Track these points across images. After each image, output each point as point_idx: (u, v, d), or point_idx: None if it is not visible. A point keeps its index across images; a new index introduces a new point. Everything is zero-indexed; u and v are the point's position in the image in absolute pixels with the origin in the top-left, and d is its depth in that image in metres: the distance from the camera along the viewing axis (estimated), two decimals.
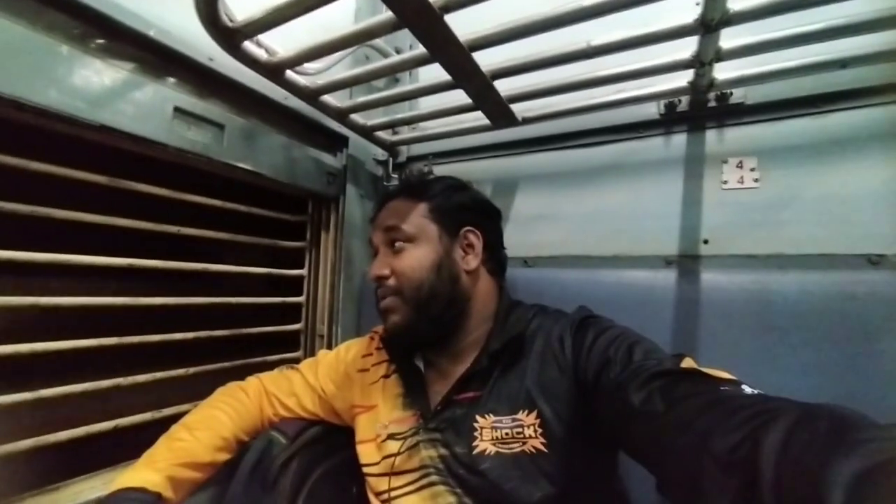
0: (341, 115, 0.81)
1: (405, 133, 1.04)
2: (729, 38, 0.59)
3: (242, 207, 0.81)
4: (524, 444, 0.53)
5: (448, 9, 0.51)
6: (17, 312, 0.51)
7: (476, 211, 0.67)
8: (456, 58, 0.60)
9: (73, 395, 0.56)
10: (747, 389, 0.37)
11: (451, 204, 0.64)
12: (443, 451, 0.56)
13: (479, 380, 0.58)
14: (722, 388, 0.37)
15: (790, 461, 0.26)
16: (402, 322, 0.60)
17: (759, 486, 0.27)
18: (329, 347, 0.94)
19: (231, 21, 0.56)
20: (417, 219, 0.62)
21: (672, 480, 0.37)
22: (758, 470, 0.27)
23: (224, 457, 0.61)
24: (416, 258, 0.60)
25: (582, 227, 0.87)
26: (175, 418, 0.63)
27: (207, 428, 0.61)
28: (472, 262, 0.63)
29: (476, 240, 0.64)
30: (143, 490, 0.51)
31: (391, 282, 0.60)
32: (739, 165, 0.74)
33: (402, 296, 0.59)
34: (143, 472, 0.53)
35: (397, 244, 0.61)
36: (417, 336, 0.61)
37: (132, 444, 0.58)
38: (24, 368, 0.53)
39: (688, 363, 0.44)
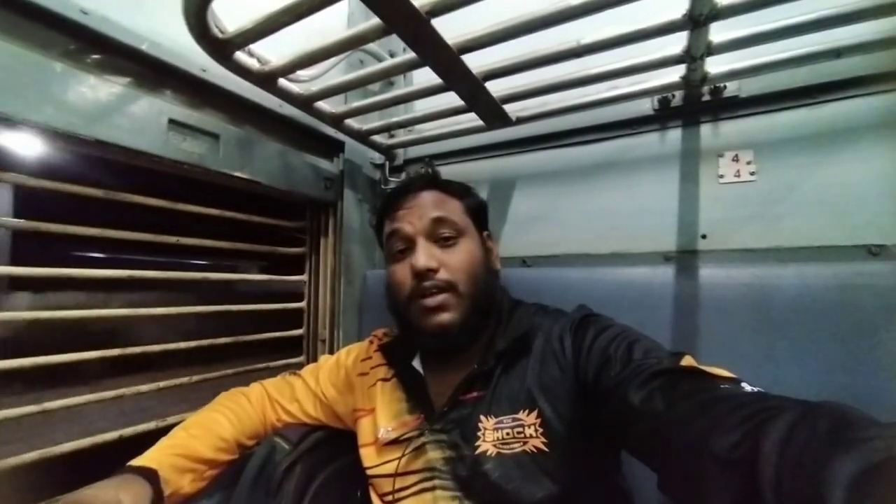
0: (336, 120, 0.81)
1: (401, 136, 1.04)
2: (720, 32, 0.58)
3: (241, 216, 0.82)
4: (525, 443, 0.53)
5: (435, 13, 0.51)
6: (17, 327, 0.52)
7: (486, 216, 0.70)
8: (446, 61, 0.60)
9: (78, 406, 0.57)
10: (747, 387, 0.37)
11: (478, 205, 0.67)
12: (449, 452, 0.56)
13: (482, 379, 0.58)
14: (722, 386, 0.37)
15: (790, 460, 0.26)
16: (459, 319, 0.57)
17: (759, 484, 0.27)
18: (331, 352, 0.95)
19: (221, 32, 0.56)
20: (460, 214, 0.63)
21: (673, 479, 0.37)
22: (758, 469, 0.27)
23: (225, 457, 0.61)
24: (471, 252, 0.60)
25: (579, 225, 0.87)
26: None
27: (207, 430, 0.61)
28: (497, 262, 0.66)
29: (492, 243, 0.67)
30: (141, 467, 0.52)
31: (442, 275, 0.57)
32: (735, 159, 0.73)
33: (457, 291, 0.57)
34: (142, 460, 0.53)
35: (448, 237, 0.59)
36: (469, 334, 0.59)
37: (137, 454, 0.58)
38: (27, 381, 0.53)
39: (688, 361, 0.44)
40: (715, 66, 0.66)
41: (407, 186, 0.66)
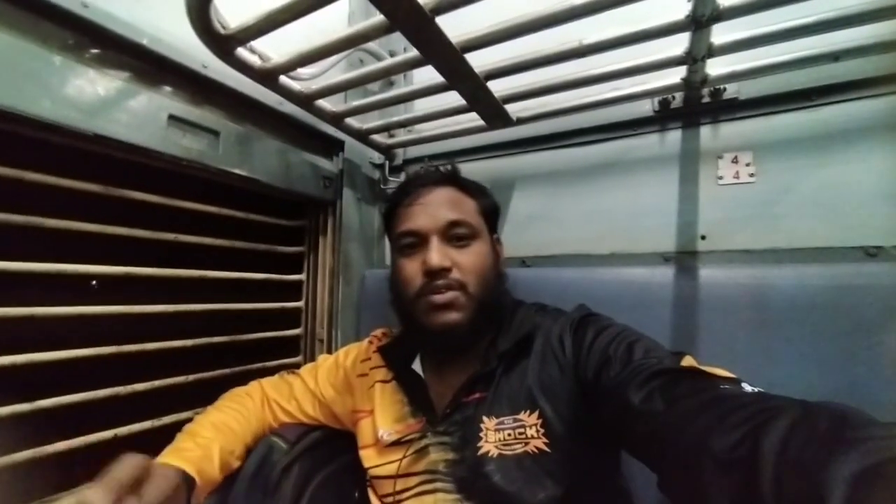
0: (336, 119, 0.81)
1: (401, 136, 1.04)
2: (721, 34, 0.59)
3: (240, 214, 0.81)
4: (526, 444, 0.52)
5: (439, 10, 0.51)
6: (13, 324, 0.51)
7: (496, 218, 0.69)
8: (449, 59, 0.60)
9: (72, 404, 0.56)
10: (747, 388, 0.37)
11: (492, 207, 0.67)
12: (451, 454, 0.56)
13: (484, 380, 0.58)
14: (722, 386, 0.37)
15: (790, 460, 0.26)
16: (465, 319, 0.56)
17: (758, 484, 0.26)
18: (329, 352, 0.94)
19: (224, 28, 0.56)
20: (475, 215, 0.62)
21: (673, 479, 0.37)
22: (758, 469, 0.27)
23: (236, 462, 0.60)
24: (483, 255, 0.60)
25: (579, 225, 0.87)
26: (175, 426, 0.62)
27: (219, 433, 0.59)
28: (503, 266, 0.66)
29: (499, 247, 0.67)
30: (182, 469, 0.51)
31: (455, 275, 0.57)
32: (735, 160, 0.74)
33: (467, 292, 0.57)
34: (176, 461, 0.52)
35: (462, 238, 0.59)
36: (473, 335, 0.58)
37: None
38: (22, 379, 0.52)
39: (688, 361, 0.44)
40: (715, 68, 0.67)
41: (424, 179, 0.64)
